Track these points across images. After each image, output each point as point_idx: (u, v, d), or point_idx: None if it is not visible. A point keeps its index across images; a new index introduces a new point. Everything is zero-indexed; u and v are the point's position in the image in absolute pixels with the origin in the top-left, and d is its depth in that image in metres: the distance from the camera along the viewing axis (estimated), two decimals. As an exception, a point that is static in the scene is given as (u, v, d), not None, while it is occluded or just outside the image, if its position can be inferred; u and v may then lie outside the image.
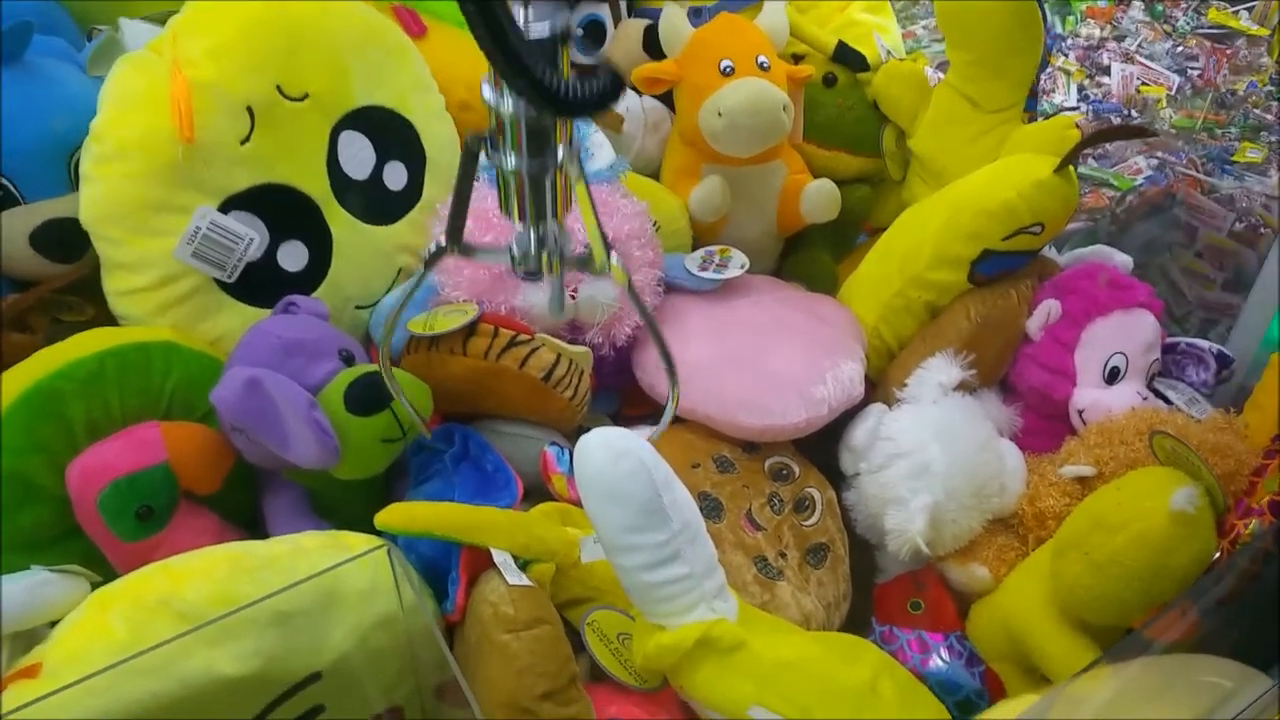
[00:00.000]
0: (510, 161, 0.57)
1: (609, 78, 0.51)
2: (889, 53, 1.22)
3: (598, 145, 0.98)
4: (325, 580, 0.70)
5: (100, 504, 0.75)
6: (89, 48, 0.96)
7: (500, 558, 0.74)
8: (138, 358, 0.81)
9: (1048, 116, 1.18)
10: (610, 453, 0.67)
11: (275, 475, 0.84)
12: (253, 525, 0.84)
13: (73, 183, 0.87)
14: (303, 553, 0.71)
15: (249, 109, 0.87)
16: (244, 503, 0.85)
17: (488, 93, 0.54)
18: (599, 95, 0.53)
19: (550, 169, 0.57)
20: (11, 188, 0.86)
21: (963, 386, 0.96)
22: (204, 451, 0.80)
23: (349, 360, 0.83)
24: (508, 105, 0.54)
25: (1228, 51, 1.59)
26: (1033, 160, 0.98)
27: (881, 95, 1.18)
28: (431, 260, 0.67)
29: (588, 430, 0.70)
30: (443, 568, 0.78)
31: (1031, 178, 0.96)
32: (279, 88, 0.89)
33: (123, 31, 0.98)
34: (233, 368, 0.79)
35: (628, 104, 1.10)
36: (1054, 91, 1.45)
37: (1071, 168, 0.97)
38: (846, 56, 1.17)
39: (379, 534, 0.75)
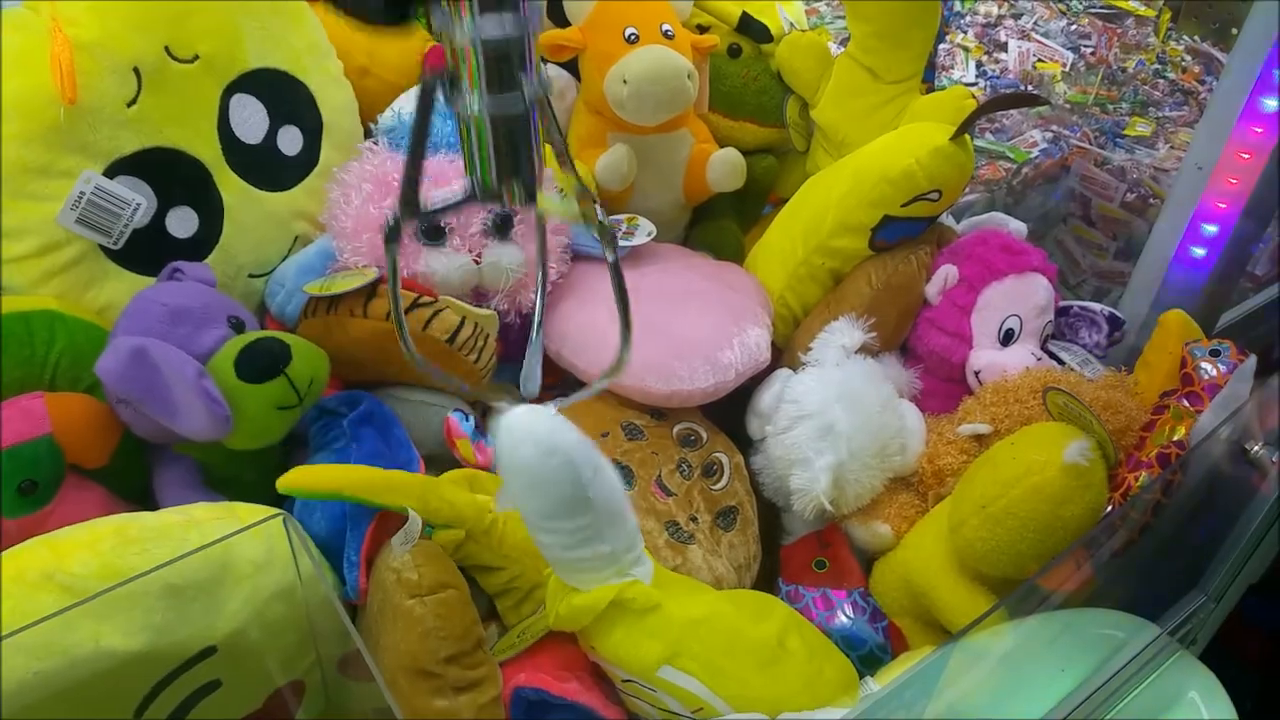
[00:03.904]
0: (473, 104, 0.48)
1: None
2: (792, 25, 1.23)
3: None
4: (217, 551, 0.68)
5: (-21, 478, 0.71)
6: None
7: (414, 517, 0.73)
8: (18, 327, 0.77)
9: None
10: (538, 450, 0.62)
11: (165, 448, 0.81)
12: (144, 500, 0.81)
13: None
14: (194, 523, 0.69)
15: (136, 70, 0.84)
16: (134, 477, 0.82)
17: (439, 19, 0.47)
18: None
19: (521, 109, 0.49)
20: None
21: (865, 350, 0.97)
22: (90, 424, 0.77)
23: (239, 328, 0.81)
24: (464, 30, 0.46)
25: (1118, 30, 1.65)
26: (930, 129, 1.00)
27: (784, 66, 1.19)
28: (391, 236, 0.57)
29: (490, 405, 0.66)
30: (334, 548, 0.77)
31: (929, 145, 0.97)
32: (167, 49, 0.86)
33: (-2, -10, 0.94)
34: (117, 337, 0.76)
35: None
36: (953, 67, 1.49)
37: (967, 136, 0.99)
38: (750, 27, 1.18)
39: (277, 507, 0.73)
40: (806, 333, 1.01)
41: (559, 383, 0.99)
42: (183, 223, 0.89)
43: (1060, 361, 1.02)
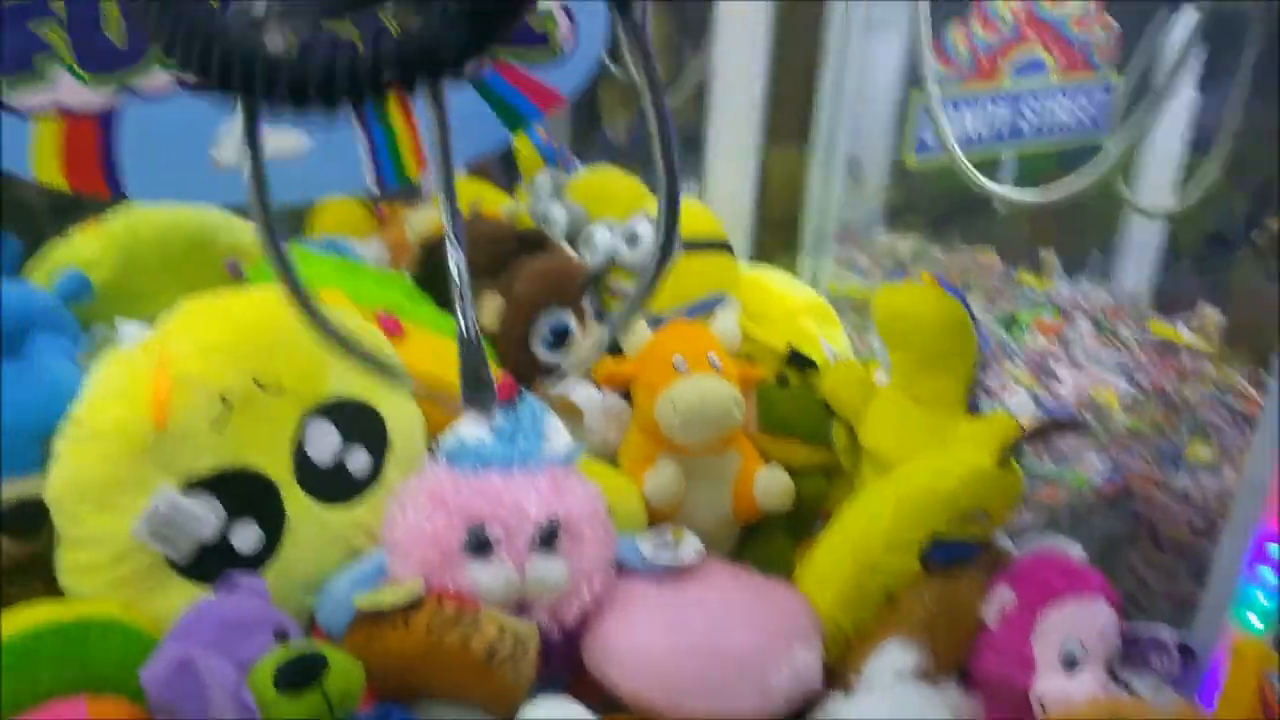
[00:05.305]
0: None
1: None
2: (835, 355, 1.29)
3: (554, 430, 1.02)
4: None
5: (15, 782, 0.72)
6: (87, 343, 1.03)
7: None
8: (77, 633, 0.81)
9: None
10: None
11: (199, 756, 0.80)
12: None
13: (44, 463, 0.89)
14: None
15: (224, 398, 0.91)
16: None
17: None
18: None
19: None
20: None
21: (923, 674, 0.93)
22: (129, 731, 0.78)
23: (283, 637, 0.83)
24: None
25: (1173, 362, 1.68)
26: (974, 450, 1.02)
27: (831, 396, 1.23)
28: None
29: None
30: None
31: (972, 466, 0.99)
32: (255, 379, 0.93)
33: (118, 331, 1.06)
34: (167, 645, 0.79)
35: (588, 397, 1.16)
36: (1004, 392, 1.53)
37: (1013, 460, 1.01)
38: (798, 361, 1.24)
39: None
40: (859, 655, 0.98)
41: (598, 704, 0.96)
42: (246, 537, 0.92)
43: (1130, 689, 0.96)
